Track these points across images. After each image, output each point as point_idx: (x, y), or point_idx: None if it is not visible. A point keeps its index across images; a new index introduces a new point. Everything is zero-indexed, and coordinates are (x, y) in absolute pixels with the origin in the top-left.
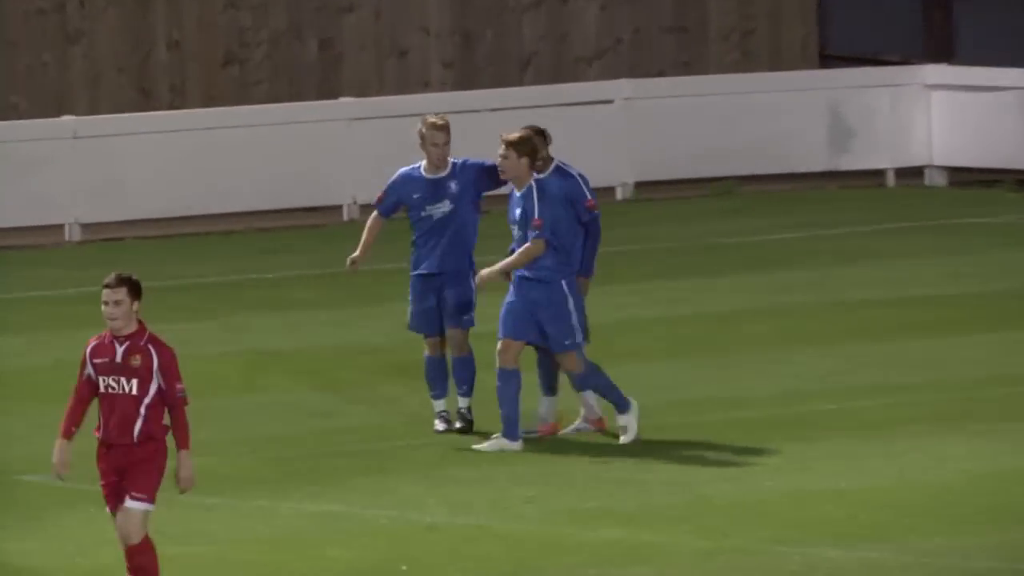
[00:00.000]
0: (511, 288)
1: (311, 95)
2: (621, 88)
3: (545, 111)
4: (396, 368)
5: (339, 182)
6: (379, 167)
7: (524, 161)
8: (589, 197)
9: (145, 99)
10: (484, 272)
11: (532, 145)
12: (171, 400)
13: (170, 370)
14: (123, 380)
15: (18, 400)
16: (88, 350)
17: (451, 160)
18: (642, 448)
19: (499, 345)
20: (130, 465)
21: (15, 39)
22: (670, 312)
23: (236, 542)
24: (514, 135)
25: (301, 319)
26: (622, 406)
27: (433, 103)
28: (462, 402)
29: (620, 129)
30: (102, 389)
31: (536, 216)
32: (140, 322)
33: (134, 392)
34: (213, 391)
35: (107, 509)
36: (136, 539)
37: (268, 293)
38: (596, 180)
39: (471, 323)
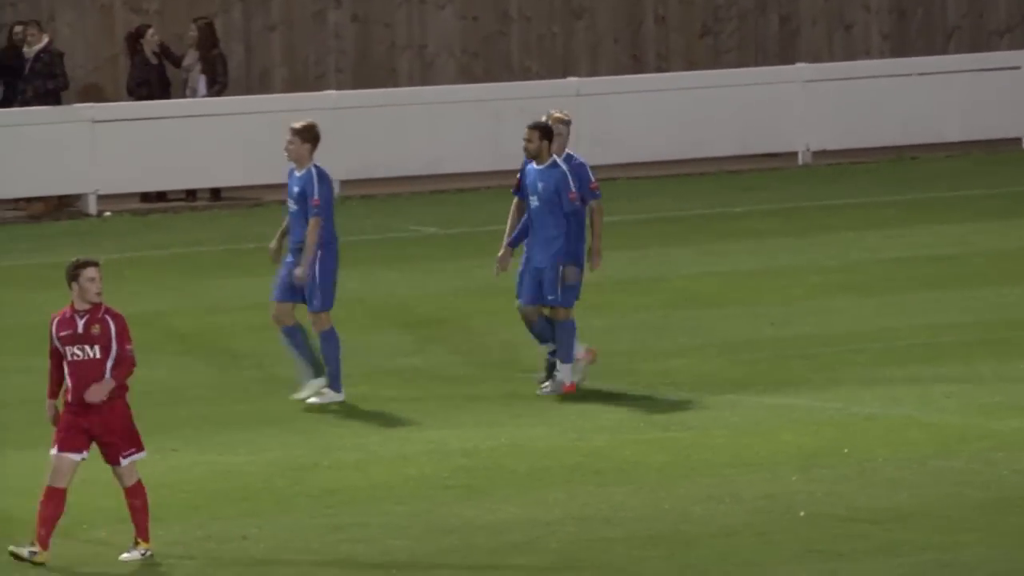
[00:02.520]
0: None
1: (773, 61)
2: None
3: (963, 76)
4: (841, 287)
5: (795, 133)
6: (830, 122)
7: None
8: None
9: (636, 64)
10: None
11: (551, 130)
12: (121, 357)
13: (123, 334)
14: (87, 347)
15: None
16: (53, 324)
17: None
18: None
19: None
20: (106, 429)
21: (529, 14)
22: None
23: (707, 429)
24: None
25: (763, 246)
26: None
27: (872, 68)
28: None
29: None
30: (69, 357)
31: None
32: (100, 301)
33: (97, 356)
34: (689, 305)
35: (53, 449)
36: (131, 482)
37: (736, 224)
38: (996, 133)
39: None
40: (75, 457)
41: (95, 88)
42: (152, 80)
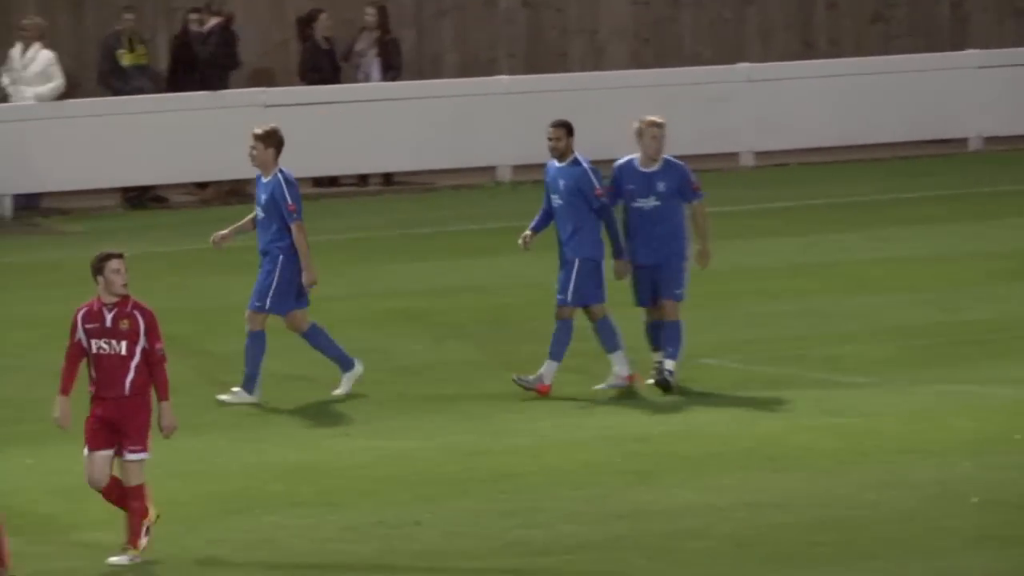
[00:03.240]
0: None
1: (944, 47)
2: None
3: None
4: (1011, 273)
5: (966, 119)
6: (1001, 108)
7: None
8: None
9: (808, 50)
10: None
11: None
12: (153, 358)
13: (152, 331)
14: (113, 342)
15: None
16: (79, 316)
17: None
18: None
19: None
20: (122, 418)
21: (704, 1)
22: None
23: (878, 415)
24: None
25: (933, 232)
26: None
27: None
28: None
29: None
30: (94, 350)
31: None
32: (127, 293)
33: (123, 352)
34: (859, 291)
35: (85, 449)
36: (135, 482)
37: (907, 210)
38: None
39: None
40: (105, 454)
41: (266, 72)
42: (323, 65)
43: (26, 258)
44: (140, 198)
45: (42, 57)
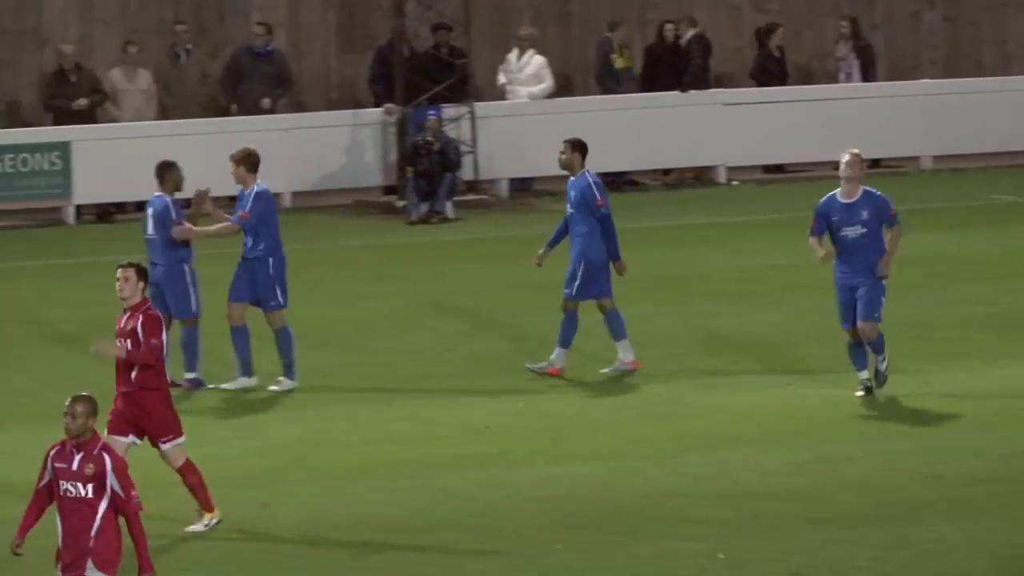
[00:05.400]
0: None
1: None
2: None
3: None
4: None
5: None
6: None
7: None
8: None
9: None
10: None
11: (583, 145)
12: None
13: (151, 331)
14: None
15: None
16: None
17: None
18: None
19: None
20: (143, 419)
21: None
22: None
23: None
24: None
25: None
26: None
27: None
28: None
29: None
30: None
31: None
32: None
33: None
34: None
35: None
36: (178, 465)
37: None
38: None
39: None
40: (124, 440)
41: (728, 76)
42: (773, 69)
43: (518, 232)
44: (616, 183)
45: (535, 62)
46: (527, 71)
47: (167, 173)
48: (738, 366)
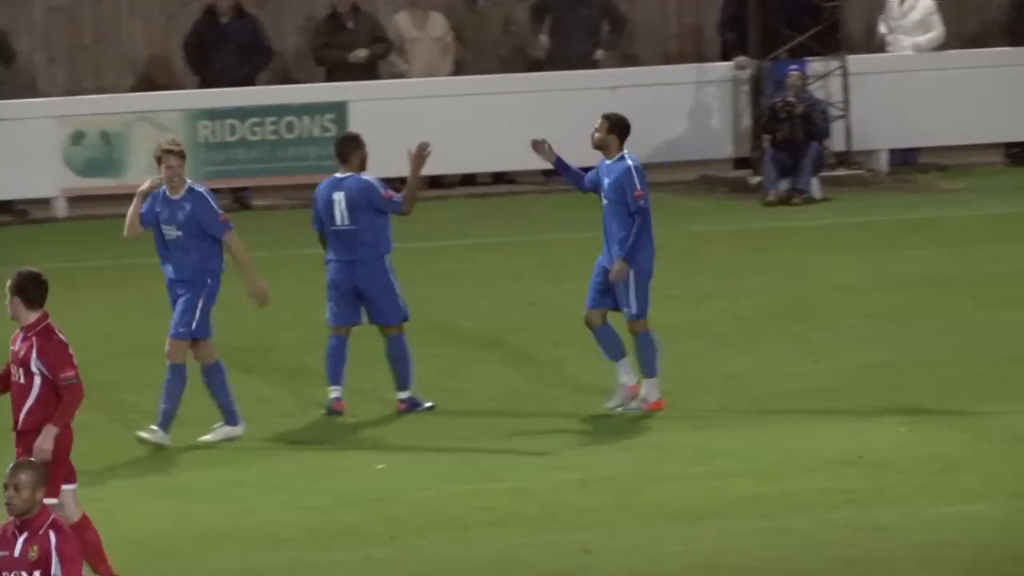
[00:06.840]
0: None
1: None
2: None
3: None
4: None
5: None
6: None
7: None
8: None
9: None
10: None
11: (622, 124)
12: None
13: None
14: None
15: None
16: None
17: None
18: None
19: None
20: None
21: None
22: None
23: None
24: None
25: None
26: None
27: None
28: None
29: None
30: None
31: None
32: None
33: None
34: None
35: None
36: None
37: None
38: None
39: None
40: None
41: None
42: None
43: (901, 216)
44: (1023, 154)
45: (922, 5)
46: (911, 16)
47: (355, 148)
48: None
